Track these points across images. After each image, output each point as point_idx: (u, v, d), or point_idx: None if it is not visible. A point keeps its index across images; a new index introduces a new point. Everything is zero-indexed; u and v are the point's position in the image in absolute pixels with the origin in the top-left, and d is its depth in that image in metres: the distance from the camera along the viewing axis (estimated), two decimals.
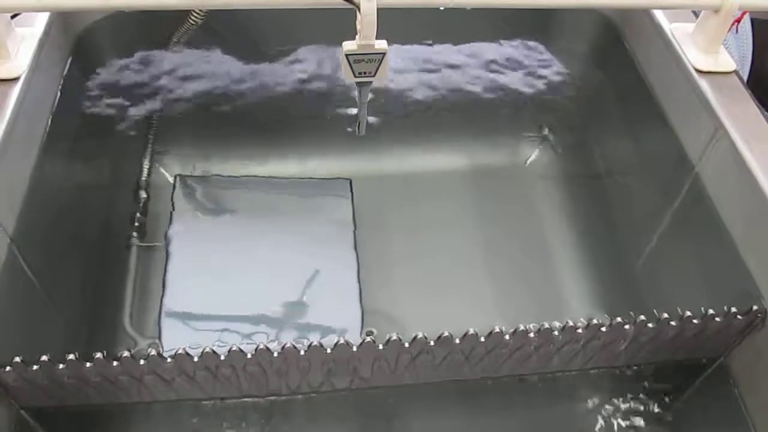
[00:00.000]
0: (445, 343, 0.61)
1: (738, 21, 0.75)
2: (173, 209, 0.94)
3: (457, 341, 0.61)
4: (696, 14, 0.78)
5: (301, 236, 0.94)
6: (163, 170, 1.00)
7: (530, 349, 0.65)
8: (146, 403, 0.67)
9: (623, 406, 0.78)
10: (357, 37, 0.64)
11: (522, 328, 0.61)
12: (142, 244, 0.92)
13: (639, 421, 0.77)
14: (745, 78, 1.01)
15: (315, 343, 0.60)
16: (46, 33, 0.75)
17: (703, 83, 0.74)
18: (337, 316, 0.86)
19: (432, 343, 0.61)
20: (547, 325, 0.62)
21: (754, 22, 1.04)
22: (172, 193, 0.96)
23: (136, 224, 0.93)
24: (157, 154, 0.99)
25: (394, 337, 0.60)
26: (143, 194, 0.95)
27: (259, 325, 0.85)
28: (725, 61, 0.76)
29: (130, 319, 0.85)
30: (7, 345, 0.63)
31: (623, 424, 0.77)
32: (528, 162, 1.07)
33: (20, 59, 0.70)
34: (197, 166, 1.01)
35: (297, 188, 1.00)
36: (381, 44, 0.65)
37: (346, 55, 0.65)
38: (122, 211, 0.93)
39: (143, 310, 0.87)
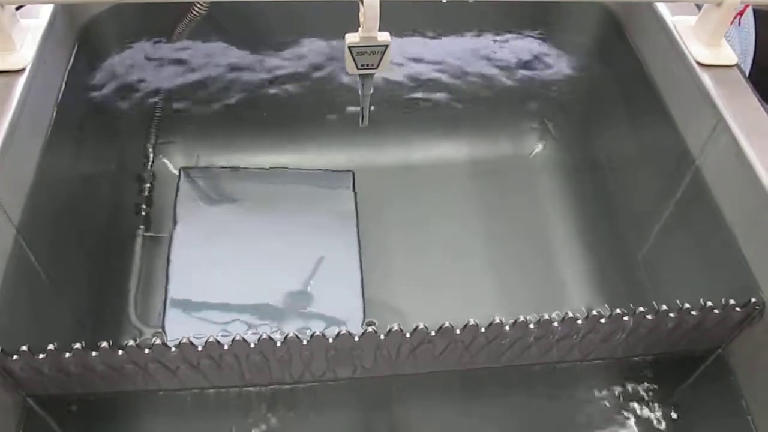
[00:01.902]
0: (445, 333, 0.62)
1: (740, 14, 0.75)
2: (177, 200, 0.95)
3: (458, 332, 0.62)
4: (698, 7, 0.79)
5: (303, 227, 0.95)
6: (167, 161, 1.01)
7: (530, 340, 0.65)
8: (151, 392, 0.68)
9: (622, 397, 0.78)
10: (360, 29, 0.64)
11: (522, 319, 0.62)
12: (146, 235, 0.92)
13: (638, 412, 0.78)
14: (747, 71, 1.01)
15: (317, 333, 0.60)
16: (51, 25, 0.75)
17: (705, 76, 0.74)
18: (339, 306, 0.87)
19: (433, 333, 0.62)
20: (546, 317, 0.62)
21: (757, 15, 1.04)
22: (177, 185, 0.96)
23: (141, 215, 0.93)
24: (162, 145, 1.00)
25: (395, 328, 0.61)
26: (148, 185, 0.96)
27: (262, 315, 0.86)
28: (727, 55, 0.76)
29: (135, 308, 0.86)
30: (14, 334, 0.63)
31: (622, 414, 0.78)
32: (531, 155, 1.07)
33: (25, 51, 0.71)
34: (201, 157, 1.01)
35: (300, 180, 1.00)
36: (384, 36, 0.65)
37: (349, 48, 0.66)
38: (127, 202, 0.94)
39: (148, 299, 0.87)
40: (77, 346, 0.59)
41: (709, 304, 0.64)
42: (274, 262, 0.91)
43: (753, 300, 0.65)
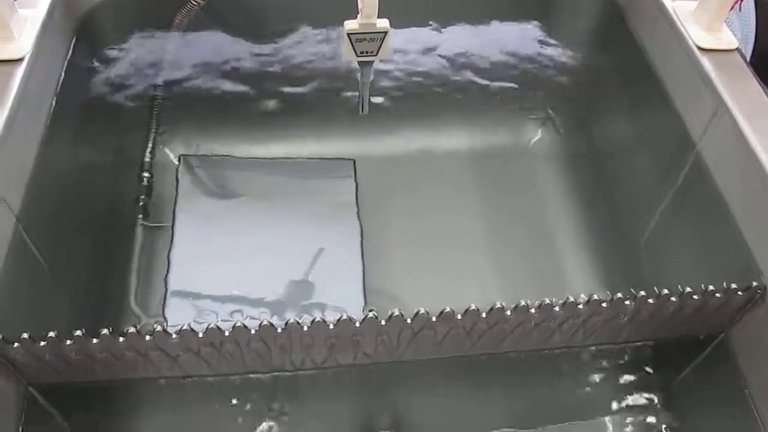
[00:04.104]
0: (446, 318, 0.62)
1: (740, 0, 0.75)
2: (177, 190, 0.95)
3: (459, 317, 0.62)
4: None
5: (304, 216, 0.95)
6: (167, 151, 1.00)
7: (531, 326, 0.65)
8: (152, 379, 0.68)
9: (624, 382, 0.78)
10: (359, 16, 0.64)
11: (522, 303, 0.62)
12: (146, 225, 0.92)
13: (640, 397, 0.78)
14: (749, 57, 1.01)
15: (318, 319, 0.60)
16: (50, 14, 0.75)
17: (705, 61, 0.74)
18: (340, 296, 0.87)
19: (434, 318, 0.61)
20: (547, 301, 0.62)
21: (758, 2, 1.03)
22: (177, 174, 0.96)
23: (141, 204, 0.93)
24: (161, 135, 0.99)
25: (396, 313, 0.61)
26: (148, 175, 0.96)
27: (262, 305, 0.86)
28: (727, 39, 0.76)
29: (136, 298, 0.86)
30: (14, 323, 0.63)
31: (624, 399, 0.78)
32: (531, 143, 1.07)
33: (24, 40, 0.71)
34: (201, 146, 1.01)
35: (301, 169, 1.00)
36: (383, 23, 0.65)
37: (348, 35, 0.65)
38: (127, 192, 0.94)
39: (148, 289, 0.88)
40: (78, 333, 0.59)
41: (711, 288, 0.64)
42: (274, 252, 0.91)
43: (755, 284, 0.65)
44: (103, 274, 0.85)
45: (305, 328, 0.61)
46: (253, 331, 0.61)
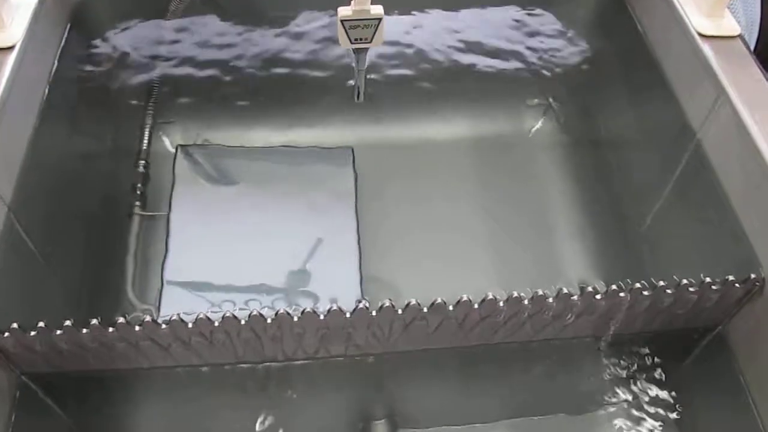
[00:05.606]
0: (438, 309, 0.61)
1: None
2: (175, 178, 0.94)
3: (451, 308, 0.61)
4: None
5: (302, 205, 0.94)
6: (164, 139, 1.00)
7: (524, 317, 0.65)
8: (145, 369, 0.68)
9: (621, 374, 0.78)
10: (352, 2, 0.63)
11: (516, 295, 0.61)
12: (143, 213, 0.92)
13: (637, 390, 0.77)
14: (753, 45, 0.99)
15: (308, 309, 0.60)
16: (41, 2, 0.74)
17: (706, 48, 0.73)
18: (336, 284, 0.87)
19: (425, 309, 0.61)
20: (541, 293, 0.61)
21: None
22: (174, 163, 0.96)
23: (138, 193, 0.93)
24: (159, 123, 0.99)
25: (387, 304, 0.60)
26: (144, 163, 0.95)
27: (260, 293, 0.86)
28: (730, 26, 0.75)
29: (132, 287, 0.86)
30: (8, 313, 0.63)
31: (620, 391, 0.77)
32: (531, 131, 1.06)
33: (15, 28, 0.70)
34: (199, 135, 1.01)
35: (298, 157, 0.99)
36: (377, 9, 0.64)
37: (342, 21, 0.65)
38: (124, 180, 0.93)
39: (145, 279, 0.87)
40: (68, 323, 0.59)
41: (708, 280, 0.63)
42: (272, 240, 0.90)
43: (753, 276, 0.64)
44: (99, 263, 0.85)
45: (295, 319, 0.61)
46: (242, 322, 0.61)
